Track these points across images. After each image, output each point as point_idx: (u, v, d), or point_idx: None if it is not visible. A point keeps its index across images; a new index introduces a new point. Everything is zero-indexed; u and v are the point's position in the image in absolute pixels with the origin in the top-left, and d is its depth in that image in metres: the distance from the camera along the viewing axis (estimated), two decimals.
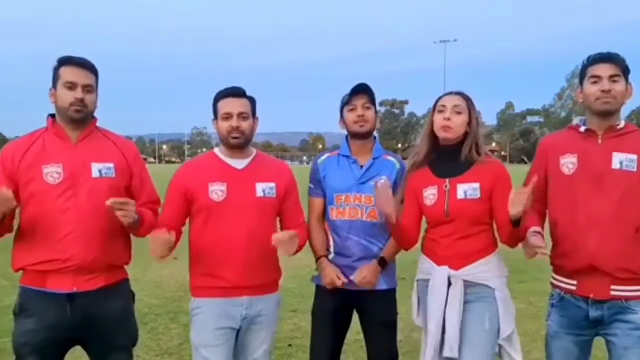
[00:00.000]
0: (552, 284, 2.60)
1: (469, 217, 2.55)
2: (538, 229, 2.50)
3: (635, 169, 2.38)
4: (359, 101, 2.86)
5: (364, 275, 2.78)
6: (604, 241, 2.37)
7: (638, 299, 2.38)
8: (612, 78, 2.41)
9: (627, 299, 2.39)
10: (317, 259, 2.91)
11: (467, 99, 2.62)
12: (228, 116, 2.64)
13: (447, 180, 2.59)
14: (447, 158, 2.61)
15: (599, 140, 2.45)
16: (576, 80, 2.64)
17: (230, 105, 2.65)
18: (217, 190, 2.62)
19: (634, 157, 2.39)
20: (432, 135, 2.63)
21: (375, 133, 2.98)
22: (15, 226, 2.53)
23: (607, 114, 2.43)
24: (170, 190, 2.72)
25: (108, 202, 2.34)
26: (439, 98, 2.65)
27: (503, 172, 2.61)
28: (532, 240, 2.43)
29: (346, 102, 2.88)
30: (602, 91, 2.40)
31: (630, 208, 2.37)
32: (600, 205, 2.38)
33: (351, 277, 2.80)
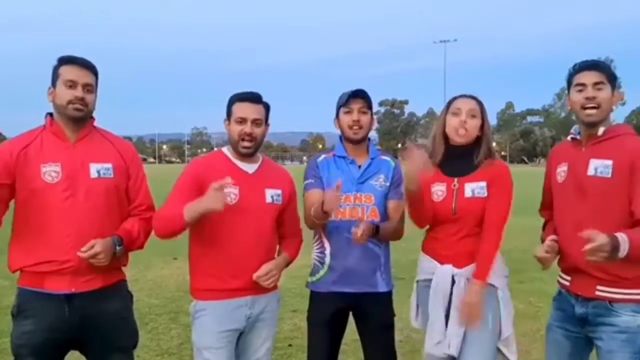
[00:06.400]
0: (557, 280, 2.67)
1: (475, 215, 2.59)
2: (553, 238, 2.57)
3: (609, 175, 2.39)
4: (356, 105, 2.84)
5: (362, 228, 2.63)
6: (585, 245, 2.40)
7: (623, 302, 2.39)
8: (596, 85, 2.44)
9: (612, 300, 2.40)
10: (322, 209, 2.62)
11: (480, 102, 2.66)
12: (242, 121, 2.63)
13: (455, 179, 2.63)
14: (457, 158, 2.65)
15: (583, 148, 2.51)
16: None
17: (246, 110, 2.64)
18: (230, 193, 2.60)
19: (609, 162, 2.40)
20: (445, 136, 2.66)
21: (375, 133, 2.97)
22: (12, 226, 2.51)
23: (593, 125, 2.47)
24: (183, 181, 2.64)
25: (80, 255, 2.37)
26: (453, 99, 2.67)
27: (503, 174, 2.64)
28: (542, 256, 2.53)
29: (343, 104, 2.87)
30: (587, 98, 2.44)
31: (607, 213, 2.39)
32: (580, 211, 2.44)
33: (353, 230, 2.66)
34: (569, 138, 2.60)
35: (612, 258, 2.23)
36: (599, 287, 2.42)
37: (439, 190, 2.64)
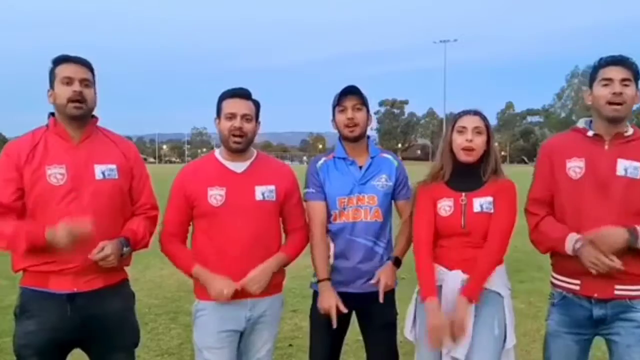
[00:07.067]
0: (552, 283, 2.61)
1: (485, 230, 2.56)
2: (577, 236, 2.41)
3: (638, 176, 2.38)
4: (350, 103, 2.82)
5: (384, 282, 2.74)
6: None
7: None
8: (623, 82, 2.39)
9: (631, 298, 2.40)
10: (319, 281, 2.79)
11: (484, 118, 2.66)
12: (231, 116, 2.62)
13: (463, 194, 2.62)
14: (465, 174, 2.64)
15: (606, 146, 2.45)
16: (576, 80, 2.69)
17: (235, 105, 2.63)
18: (216, 195, 2.61)
19: (638, 164, 2.39)
20: (452, 153, 2.65)
21: (375, 133, 2.96)
22: None
23: (616, 121, 2.43)
24: (172, 194, 2.71)
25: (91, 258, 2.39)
26: (458, 117, 2.67)
27: (509, 188, 2.63)
28: (608, 262, 2.31)
29: (337, 103, 2.86)
30: (614, 94, 2.38)
31: (634, 214, 2.37)
32: (604, 211, 2.38)
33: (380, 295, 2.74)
34: (589, 134, 2.49)
35: (633, 247, 2.26)
36: (617, 287, 2.39)
37: (446, 206, 2.62)
